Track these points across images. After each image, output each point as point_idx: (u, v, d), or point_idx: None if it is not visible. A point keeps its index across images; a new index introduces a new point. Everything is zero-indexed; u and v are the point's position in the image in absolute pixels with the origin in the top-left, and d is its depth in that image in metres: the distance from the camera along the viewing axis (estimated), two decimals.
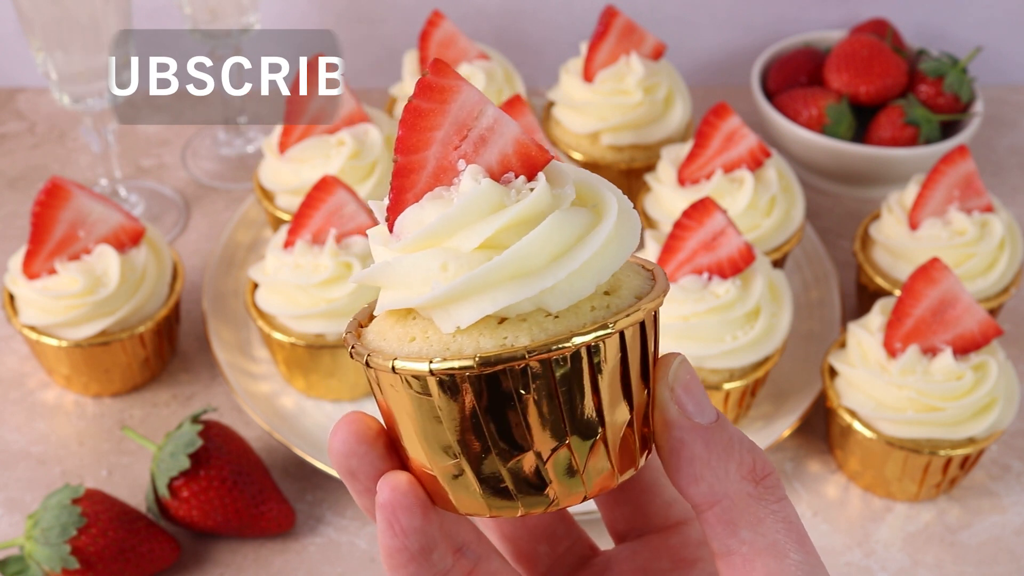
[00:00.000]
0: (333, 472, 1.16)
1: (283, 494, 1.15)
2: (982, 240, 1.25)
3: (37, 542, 1.04)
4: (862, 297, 1.37)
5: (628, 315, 0.54)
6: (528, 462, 0.56)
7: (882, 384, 1.11)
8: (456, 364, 0.52)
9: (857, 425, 1.14)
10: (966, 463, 1.15)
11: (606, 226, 0.54)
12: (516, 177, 0.55)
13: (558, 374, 0.53)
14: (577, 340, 0.53)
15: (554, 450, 0.55)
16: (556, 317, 0.54)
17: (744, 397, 1.20)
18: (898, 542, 1.15)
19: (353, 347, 0.57)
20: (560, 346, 0.52)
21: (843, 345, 1.20)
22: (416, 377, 0.54)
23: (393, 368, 0.54)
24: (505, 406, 0.54)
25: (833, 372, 1.19)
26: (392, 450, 0.59)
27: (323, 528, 1.16)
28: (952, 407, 1.09)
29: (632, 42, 1.45)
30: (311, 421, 1.24)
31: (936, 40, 1.77)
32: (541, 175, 0.55)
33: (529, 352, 0.52)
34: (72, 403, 1.28)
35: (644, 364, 0.57)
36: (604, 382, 0.55)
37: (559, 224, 0.53)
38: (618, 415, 0.56)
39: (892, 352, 1.12)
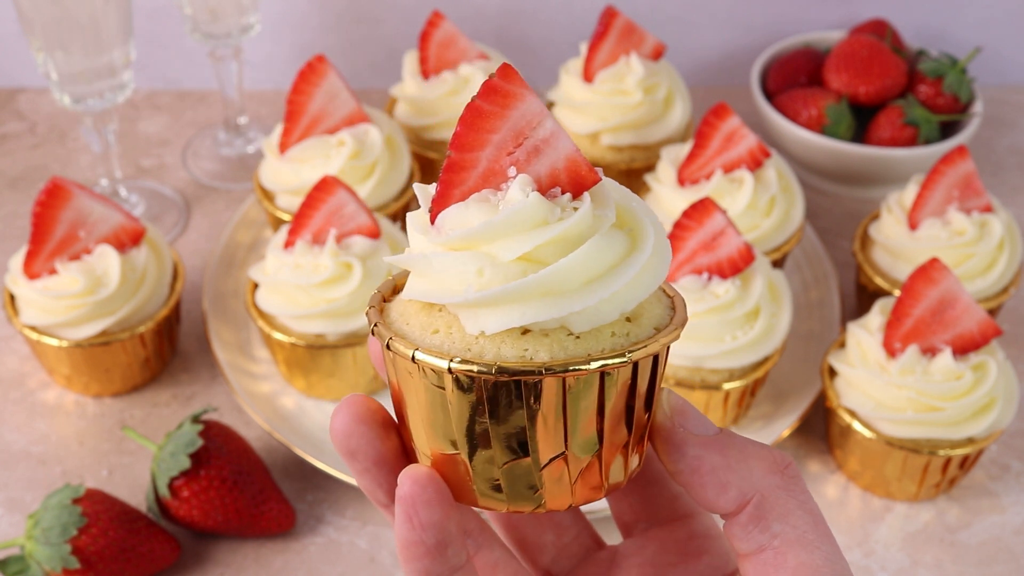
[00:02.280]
0: (333, 472, 1.16)
1: (283, 494, 1.15)
2: (981, 240, 1.25)
3: (38, 542, 1.04)
4: (861, 297, 1.37)
5: (645, 346, 0.56)
6: (524, 466, 0.57)
7: (881, 384, 1.11)
8: (475, 368, 0.54)
9: (857, 425, 1.14)
10: (965, 463, 1.15)
11: (640, 257, 0.55)
12: (563, 193, 0.56)
13: (569, 393, 0.55)
14: (593, 365, 0.54)
15: (551, 460, 0.57)
16: (577, 338, 0.55)
17: (744, 397, 1.20)
18: (897, 542, 1.15)
19: (376, 324, 0.59)
20: (576, 368, 0.54)
21: (842, 345, 1.20)
22: (434, 370, 0.55)
23: (413, 358, 0.55)
24: (513, 413, 0.56)
25: (832, 372, 1.19)
26: (392, 430, 0.60)
27: (323, 528, 1.16)
28: (951, 407, 1.10)
29: (632, 42, 1.45)
30: (311, 421, 1.24)
31: (935, 40, 1.77)
32: (586, 195, 0.56)
33: (546, 369, 0.54)
34: (72, 403, 1.29)
35: (650, 390, 0.59)
36: (610, 405, 0.57)
37: (597, 249, 0.54)
38: (617, 436, 0.58)
39: (891, 352, 1.12)
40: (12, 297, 1.24)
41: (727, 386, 1.16)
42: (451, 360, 0.54)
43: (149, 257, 1.25)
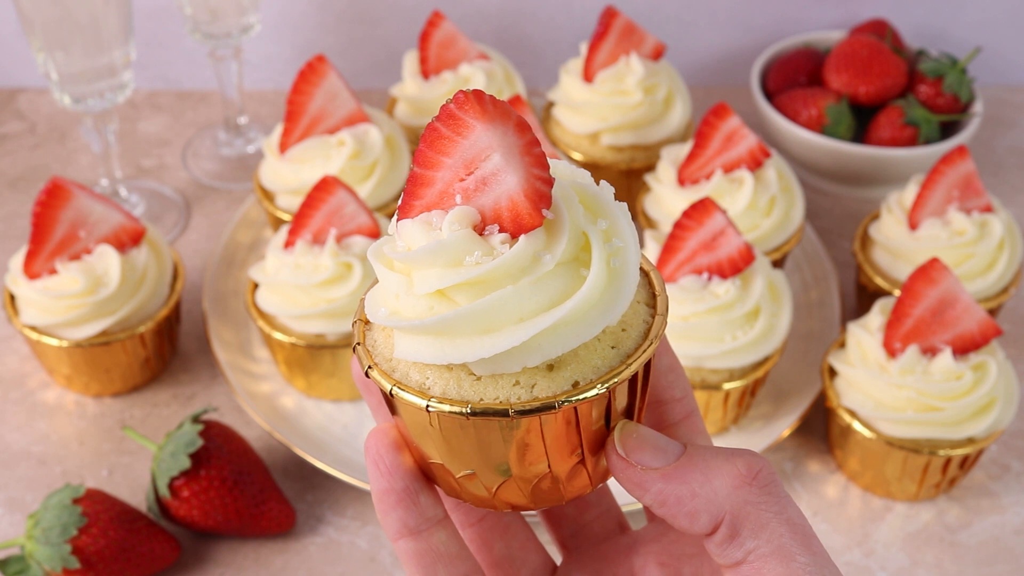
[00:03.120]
0: (334, 472, 1.16)
1: (283, 494, 1.15)
2: (981, 240, 1.25)
3: (38, 542, 1.04)
4: (861, 297, 1.37)
5: (618, 374, 0.56)
6: (509, 484, 0.59)
7: (882, 384, 1.11)
8: (448, 408, 0.55)
9: (857, 425, 1.14)
10: (965, 463, 1.15)
11: (561, 310, 0.53)
12: (500, 232, 0.55)
13: (544, 426, 0.56)
14: (563, 402, 0.54)
15: (537, 476, 0.58)
16: (478, 379, 0.55)
17: (744, 397, 1.20)
18: (898, 542, 1.15)
19: (356, 346, 0.59)
20: (546, 407, 0.54)
21: (842, 345, 1.20)
22: (413, 404, 0.56)
23: (391, 392, 0.56)
24: (491, 444, 0.57)
25: (833, 372, 1.19)
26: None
27: (323, 528, 1.16)
28: (952, 407, 1.10)
29: (632, 42, 1.46)
30: (311, 421, 1.24)
31: (935, 40, 1.77)
32: (522, 239, 0.54)
33: (515, 411, 0.54)
34: (73, 403, 1.29)
35: (631, 398, 0.60)
36: (591, 429, 0.58)
37: (504, 300, 0.53)
38: (598, 445, 0.59)
39: (892, 352, 1.12)
40: (12, 297, 1.24)
41: (727, 386, 1.16)
42: (428, 400, 0.55)
43: (149, 257, 1.25)
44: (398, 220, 0.57)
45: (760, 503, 0.56)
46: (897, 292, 1.25)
